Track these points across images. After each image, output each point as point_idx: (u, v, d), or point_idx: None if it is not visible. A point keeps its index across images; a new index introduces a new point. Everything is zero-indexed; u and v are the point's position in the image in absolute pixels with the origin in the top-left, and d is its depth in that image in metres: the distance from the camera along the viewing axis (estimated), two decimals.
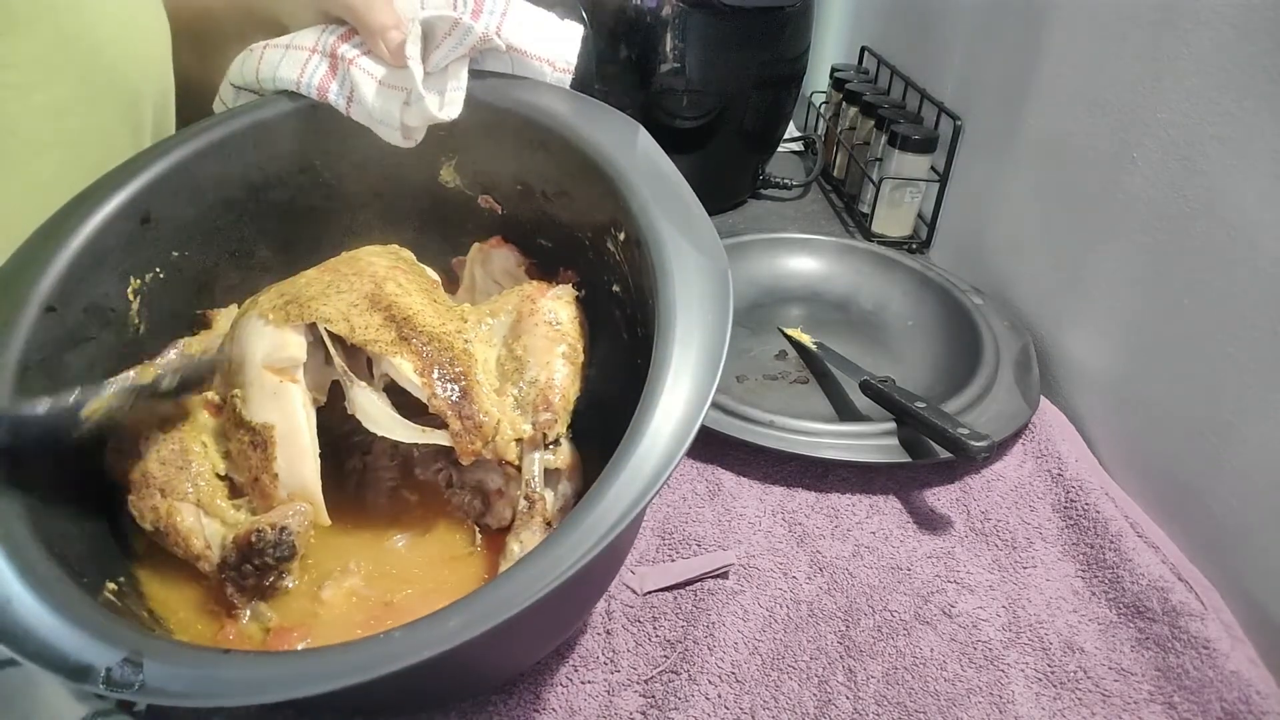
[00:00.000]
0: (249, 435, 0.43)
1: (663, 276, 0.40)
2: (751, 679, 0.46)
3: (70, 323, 0.42)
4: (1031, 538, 0.56)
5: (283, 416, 0.43)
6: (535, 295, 0.48)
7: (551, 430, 0.44)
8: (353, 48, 0.50)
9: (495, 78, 0.50)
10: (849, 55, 1.17)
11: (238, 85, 0.53)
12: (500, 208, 0.55)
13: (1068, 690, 0.47)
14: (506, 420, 0.44)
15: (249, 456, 0.43)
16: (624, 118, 0.47)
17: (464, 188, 0.55)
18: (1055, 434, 0.63)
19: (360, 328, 0.44)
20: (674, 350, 0.37)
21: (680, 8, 0.83)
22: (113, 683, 0.29)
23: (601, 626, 0.49)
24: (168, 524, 0.42)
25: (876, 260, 0.83)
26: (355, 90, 0.49)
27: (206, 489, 0.43)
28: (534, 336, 0.46)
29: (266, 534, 0.41)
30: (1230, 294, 0.53)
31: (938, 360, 0.72)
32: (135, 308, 0.46)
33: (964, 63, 0.87)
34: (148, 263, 0.47)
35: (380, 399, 0.44)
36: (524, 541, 0.43)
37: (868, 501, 0.59)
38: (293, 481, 0.43)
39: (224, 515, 0.43)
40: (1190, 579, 0.52)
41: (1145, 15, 0.60)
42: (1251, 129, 0.51)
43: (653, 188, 0.43)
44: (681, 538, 0.55)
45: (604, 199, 0.45)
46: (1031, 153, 0.75)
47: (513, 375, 0.45)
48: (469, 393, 0.43)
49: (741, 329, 0.77)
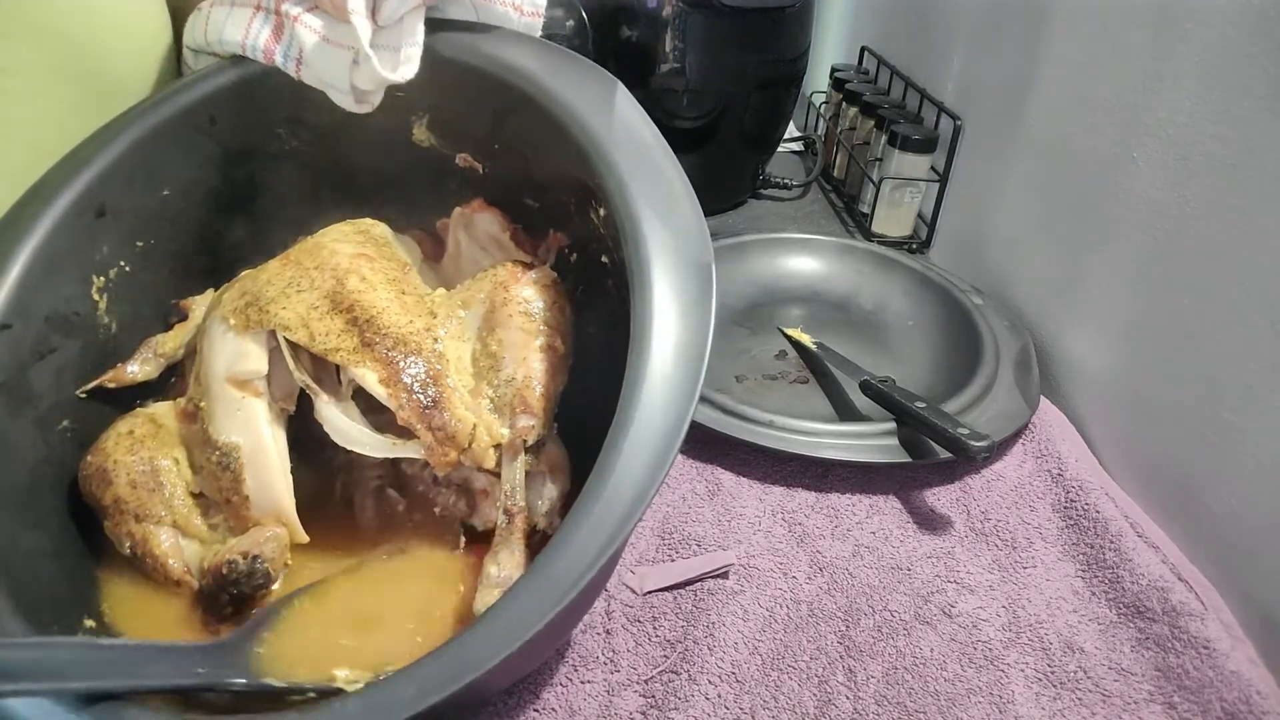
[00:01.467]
0: (217, 455, 0.41)
1: (639, 277, 0.36)
2: (751, 679, 0.46)
3: (30, 337, 0.40)
4: (1031, 538, 0.56)
5: (248, 436, 0.41)
6: (509, 282, 0.44)
7: (530, 435, 0.41)
8: (296, 3, 0.45)
9: (458, 28, 0.46)
10: (849, 55, 1.17)
11: (192, 48, 0.50)
12: (480, 166, 0.51)
13: (1068, 690, 0.47)
14: (483, 425, 0.41)
15: (218, 477, 0.41)
16: (601, 73, 0.43)
17: (439, 146, 0.50)
18: (1055, 434, 0.63)
19: (320, 334, 0.41)
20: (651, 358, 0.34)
21: (680, 8, 0.83)
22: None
23: (601, 626, 0.49)
24: (144, 550, 0.40)
25: (876, 260, 0.83)
26: (303, 51, 0.45)
27: (182, 509, 0.41)
28: (509, 329, 0.43)
29: (239, 565, 0.39)
30: (1230, 294, 0.53)
31: (938, 360, 0.72)
32: (103, 306, 0.44)
33: (964, 63, 0.87)
34: (110, 258, 0.44)
35: (349, 409, 0.42)
36: (501, 563, 0.40)
37: (868, 501, 0.59)
38: (264, 503, 0.41)
39: (202, 535, 0.42)
40: (1190, 579, 0.52)
41: (1145, 15, 0.60)
42: (1251, 129, 0.51)
43: (630, 162, 0.39)
44: (681, 538, 0.55)
45: (580, 170, 0.41)
46: (1031, 153, 0.75)
47: (488, 373, 0.42)
48: (440, 400, 0.40)
49: (741, 329, 0.77)
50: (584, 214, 0.45)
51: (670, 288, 0.36)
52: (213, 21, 0.47)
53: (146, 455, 0.42)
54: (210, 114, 0.47)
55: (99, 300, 0.44)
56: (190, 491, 0.42)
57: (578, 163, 0.41)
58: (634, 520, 0.31)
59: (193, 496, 0.42)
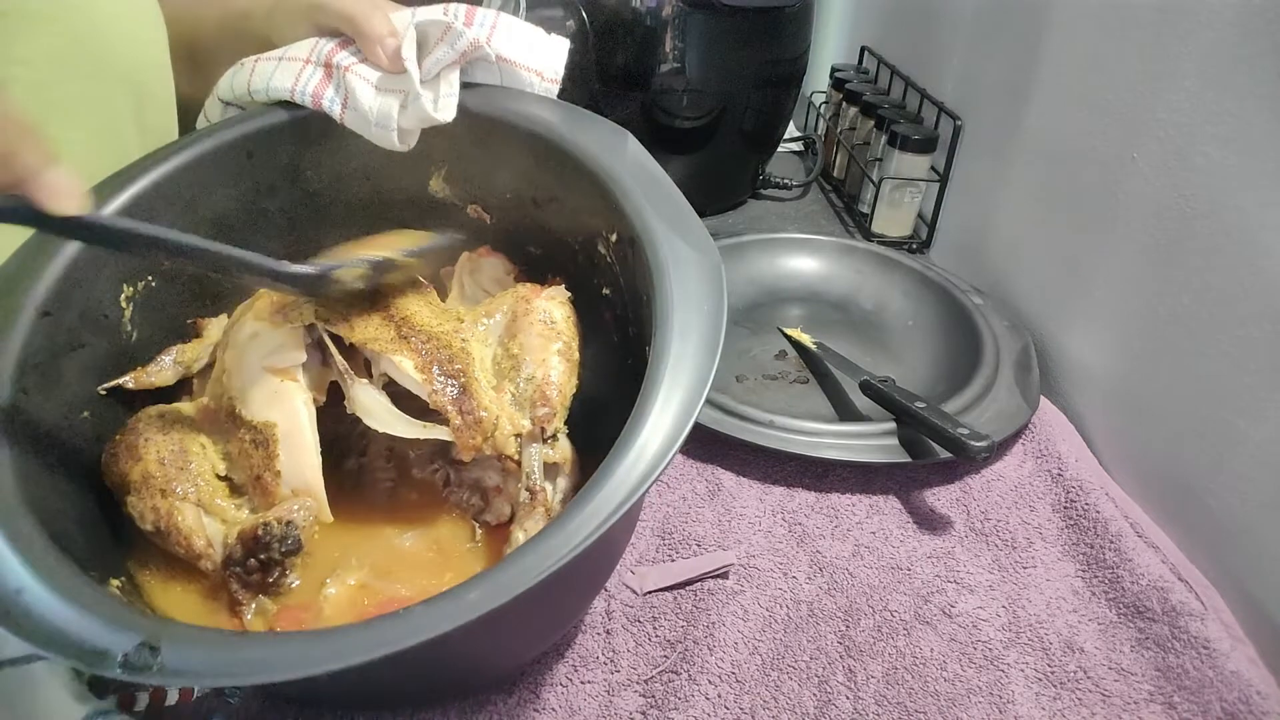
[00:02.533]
0: (250, 434, 0.43)
1: (658, 272, 0.41)
2: (751, 679, 0.46)
3: (65, 328, 0.42)
4: (1031, 538, 0.56)
5: (284, 415, 0.43)
6: (530, 295, 0.48)
7: (550, 424, 0.44)
8: (349, 56, 0.51)
9: (486, 88, 0.51)
10: (849, 55, 1.17)
11: (226, 100, 0.54)
12: (489, 217, 0.55)
13: (1068, 690, 0.47)
14: (505, 416, 0.44)
15: (251, 455, 0.43)
16: (613, 125, 0.48)
17: (453, 198, 0.55)
18: (1055, 434, 0.63)
19: (360, 326, 0.44)
20: (673, 340, 0.38)
21: (680, 8, 0.83)
22: (130, 666, 0.29)
23: (601, 626, 0.49)
24: (169, 523, 0.42)
25: (876, 260, 0.83)
26: (351, 96, 0.50)
27: (207, 489, 0.43)
28: (529, 335, 0.46)
29: (273, 528, 0.41)
30: (1230, 294, 0.53)
31: (938, 360, 0.72)
32: (128, 315, 0.46)
33: (964, 63, 0.87)
34: (141, 271, 0.47)
35: (380, 395, 0.45)
36: (528, 530, 0.43)
37: (868, 501, 0.59)
38: (295, 478, 0.43)
39: (225, 514, 0.43)
40: (1190, 579, 0.52)
41: (1145, 15, 0.60)
42: (1251, 129, 0.51)
43: (645, 189, 0.44)
44: (681, 538, 0.55)
45: (596, 201, 0.46)
46: (1031, 153, 0.75)
47: (509, 373, 0.46)
48: (468, 389, 0.44)
49: (741, 329, 0.77)
50: (589, 250, 0.49)
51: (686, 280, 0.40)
52: (259, 72, 0.52)
53: (176, 437, 0.44)
54: (248, 149, 0.51)
55: (125, 308, 0.46)
56: (215, 474, 0.44)
57: (594, 194, 0.46)
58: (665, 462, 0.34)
59: (218, 479, 0.44)
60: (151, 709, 0.43)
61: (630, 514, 0.34)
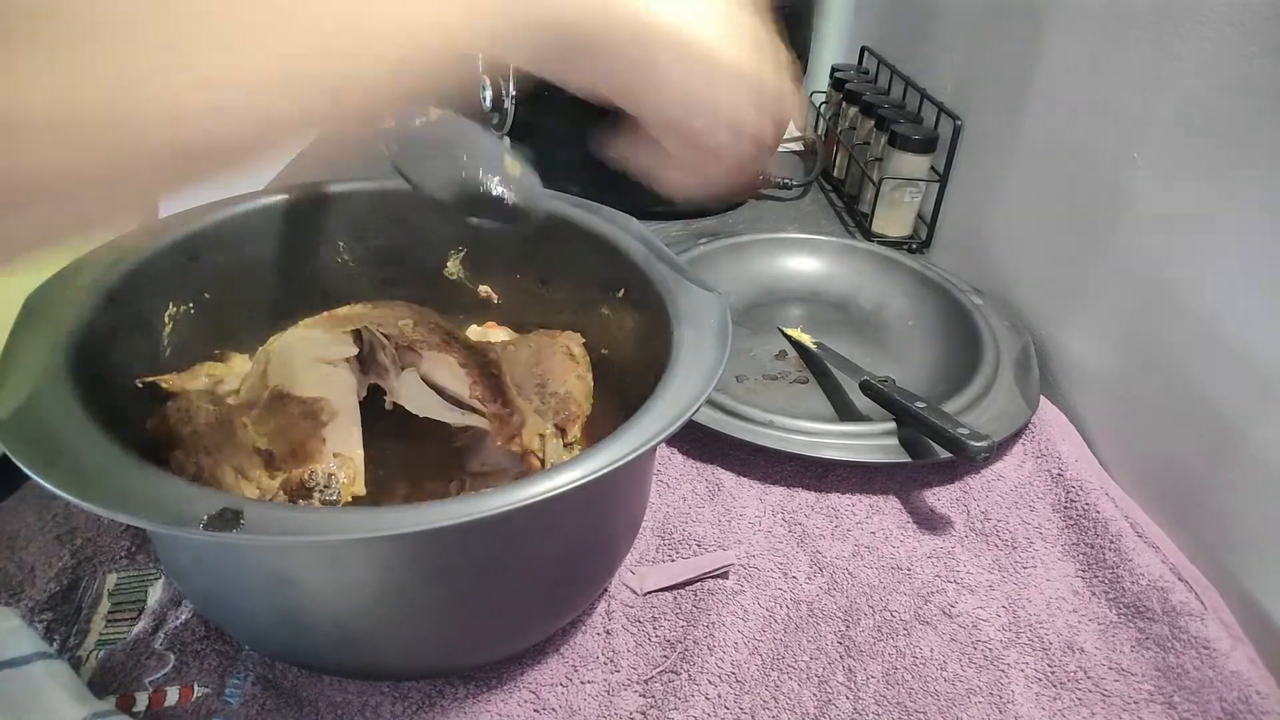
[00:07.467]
0: (299, 407, 0.47)
1: (670, 299, 0.47)
2: (751, 679, 0.46)
3: (120, 319, 0.45)
4: (1031, 538, 0.56)
5: (335, 393, 0.48)
6: (554, 335, 0.55)
7: (572, 426, 0.49)
8: None
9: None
10: (849, 55, 1.17)
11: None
12: (497, 296, 0.61)
13: (1068, 690, 0.47)
14: (532, 419, 0.49)
15: (298, 424, 0.46)
16: (619, 212, 0.55)
17: (465, 280, 0.60)
18: (1055, 434, 0.63)
19: (409, 330, 0.51)
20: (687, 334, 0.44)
21: None
22: (213, 525, 0.30)
23: (601, 626, 0.49)
24: (211, 479, 0.44)
25: (876, 260, 0.83)
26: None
27: (245, 459, 0.46)
28: (553, 363, 0.53)
29: (318, 474, 0.45)
30: (1230, 294, 0.53)
31: (938, 360, 0.72)
32: (167, 331, 0.49)
33: (964, 63, 0.87)
34: (185, 296, 0.51)
35: (423, 385, 0.51)
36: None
37: (868, 501, 0.59)
38: (340, 448, 0.47)
39: (260, 483, 0.45)
40: (1190, 579, 0.52)
41: (1145, 15, 0.60)
42: (1251, 129, 0.51)
43: (651, 249, 0.51)
44: (681, 538, 0.55)
45: (605, 267, 0.53)
46: (1031, 153, 0.75)
47: (537, 390, 0.52)
48: (503, 388, 0.50)
49: (741, 329, 0.77)
50: (591, 313, 0.56)
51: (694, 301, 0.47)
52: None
53: (225, 409, 0.47)
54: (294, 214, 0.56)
55: (167, 325, 0.50)
56: (255, 448, 0.46)
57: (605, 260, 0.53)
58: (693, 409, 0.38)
59: (257, 453, 0.46)
60: (150, 710, 0.42)
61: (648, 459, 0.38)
